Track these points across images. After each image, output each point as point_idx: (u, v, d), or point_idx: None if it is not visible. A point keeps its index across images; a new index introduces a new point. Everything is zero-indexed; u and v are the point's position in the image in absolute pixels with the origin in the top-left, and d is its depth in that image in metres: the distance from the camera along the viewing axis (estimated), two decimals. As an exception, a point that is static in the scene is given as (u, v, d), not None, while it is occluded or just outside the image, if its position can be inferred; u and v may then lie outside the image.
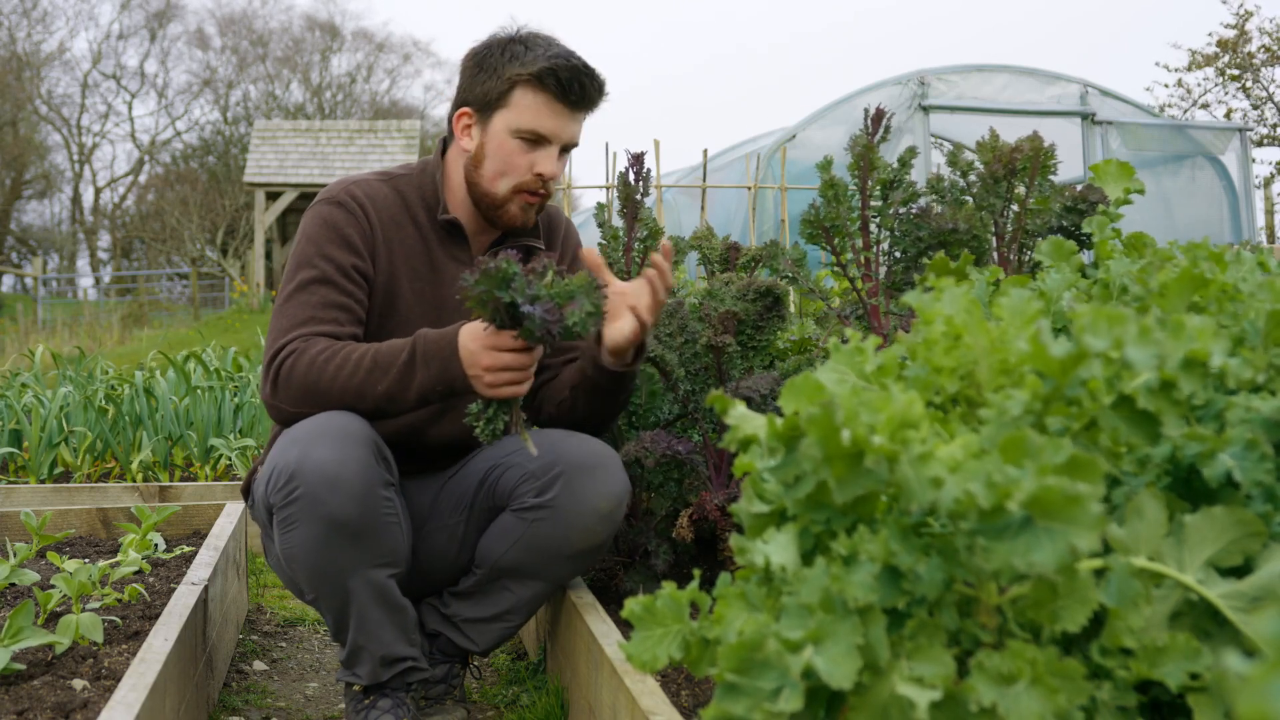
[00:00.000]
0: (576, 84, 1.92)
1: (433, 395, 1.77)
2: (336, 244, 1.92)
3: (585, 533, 1.90)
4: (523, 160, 1.94)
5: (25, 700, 1.54)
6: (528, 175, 1.95)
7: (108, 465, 4.08)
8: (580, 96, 1.93)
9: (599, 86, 1.95)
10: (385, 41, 38.02)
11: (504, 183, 1.96)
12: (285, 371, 1.82)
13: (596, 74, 1.96)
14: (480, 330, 1.68)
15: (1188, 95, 19.49)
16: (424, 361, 1.74)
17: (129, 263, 34.16)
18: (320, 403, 1.80)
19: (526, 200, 1.97)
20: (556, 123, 1.93)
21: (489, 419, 1.68)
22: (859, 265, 1.99)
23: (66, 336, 14.69)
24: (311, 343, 1.82)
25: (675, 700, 1.67)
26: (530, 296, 1.55)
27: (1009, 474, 0.80)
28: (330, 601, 1.81)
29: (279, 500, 1.74)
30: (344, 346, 1.81)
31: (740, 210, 8.76)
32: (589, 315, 1.57)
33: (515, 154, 1.94)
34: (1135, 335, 0.89)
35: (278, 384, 1.83)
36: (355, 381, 1.77)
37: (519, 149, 1.94)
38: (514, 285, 1.54)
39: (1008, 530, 0.81)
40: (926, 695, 0.83)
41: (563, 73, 1.91)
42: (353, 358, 1.79)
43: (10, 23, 33.16)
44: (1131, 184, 1.95)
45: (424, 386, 1.75)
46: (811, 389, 0.92)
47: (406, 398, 1.77)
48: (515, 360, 1.67)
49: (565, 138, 1.95)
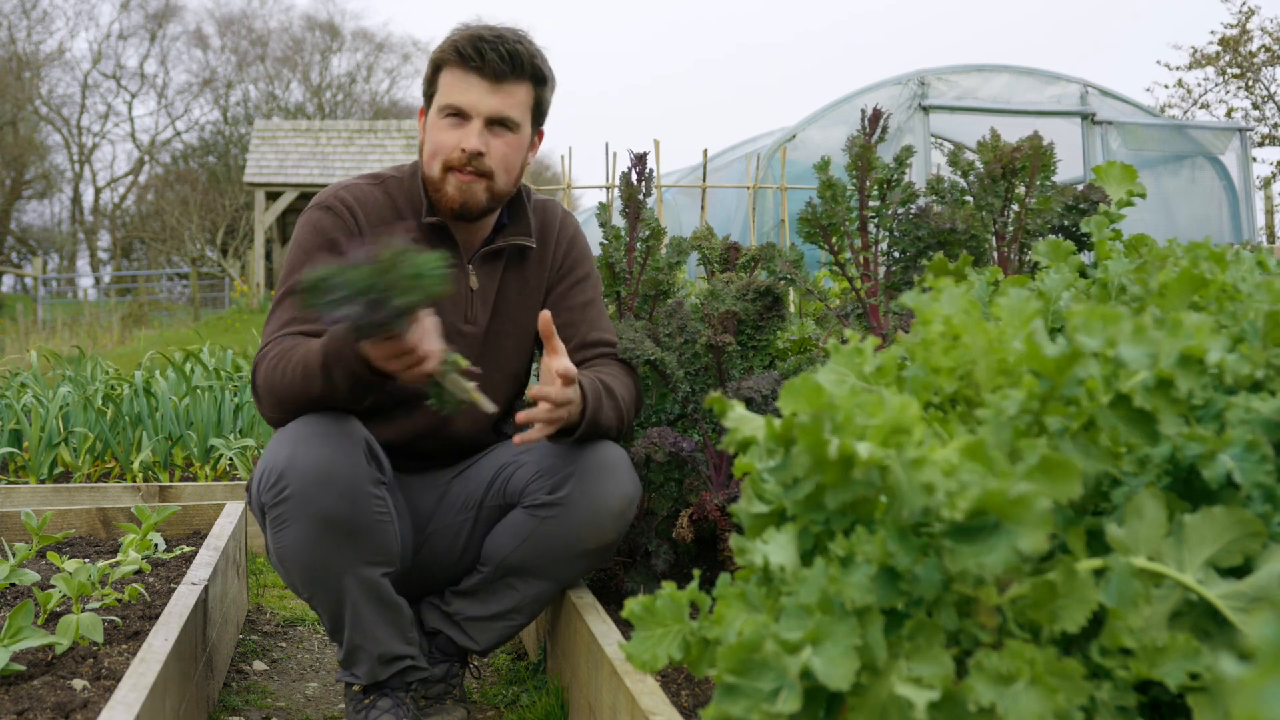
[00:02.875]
0: (476, 49, 1.89)
1: (362, 389, 1.73)
2: (323, 249, 1.93)
3: (597, 531, 1.90)
4: (448, 137, 1.93)
5: (25, 700, 1.55)
6: (455, 152, 1.92)
7: (108, 465, 4.08)
8: (482, 63, 1.90)
9: (508, 52, 1.91)
10: (385, 41, 38.07)
11: (435, 163, 1.95)
12: (258, 379, 1.85)
13: (506, 39, 1.92)
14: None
15: (1188, 95, 19.49)
16: (335, 364, 1.72)
17: (129, 263, 34.17)
18: (286, 406, 1.81)
19: (459, 179, 1.94)
20: (471, 94, 1.91)
21: (435, 397, 1.69)
22: (857, 265, 1.99)
23: (66, 336, 14.69)
24: (276, 345, 1.84)
25: (675, 700, 1.67)
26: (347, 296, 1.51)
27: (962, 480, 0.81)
28: (324, 600, 1.81)
29: (270, 499, 1.75)
30: (290, 349, 1.81)
31: (740, 210, 8.76)
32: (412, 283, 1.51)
33: (442, 132, 1.94)
34: (1129, 334, 0.89)
35: (256, 391, 1.86)
36: (298, 385, 1.77)
37: (445, 126, 1.93)
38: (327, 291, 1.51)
39: (981, 533, 0.82)
40: (925, 695, 0.83)
41: (464, 43, 1.90)
42: (292, 361, 1.78)
43: (10, 23, 33.19)
44: (1134, 186, 1.95)
45: (347, 384, 1.72)
46: (810, 391, 0.92)
47: (343, 396, 1.75)
48: (395, 348, 1.62)
49: (485, 109, 1.92)
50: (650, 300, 2.29)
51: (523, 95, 1.96)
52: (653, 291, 2.28)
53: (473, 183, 1.94)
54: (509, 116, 1.94)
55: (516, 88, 1.94)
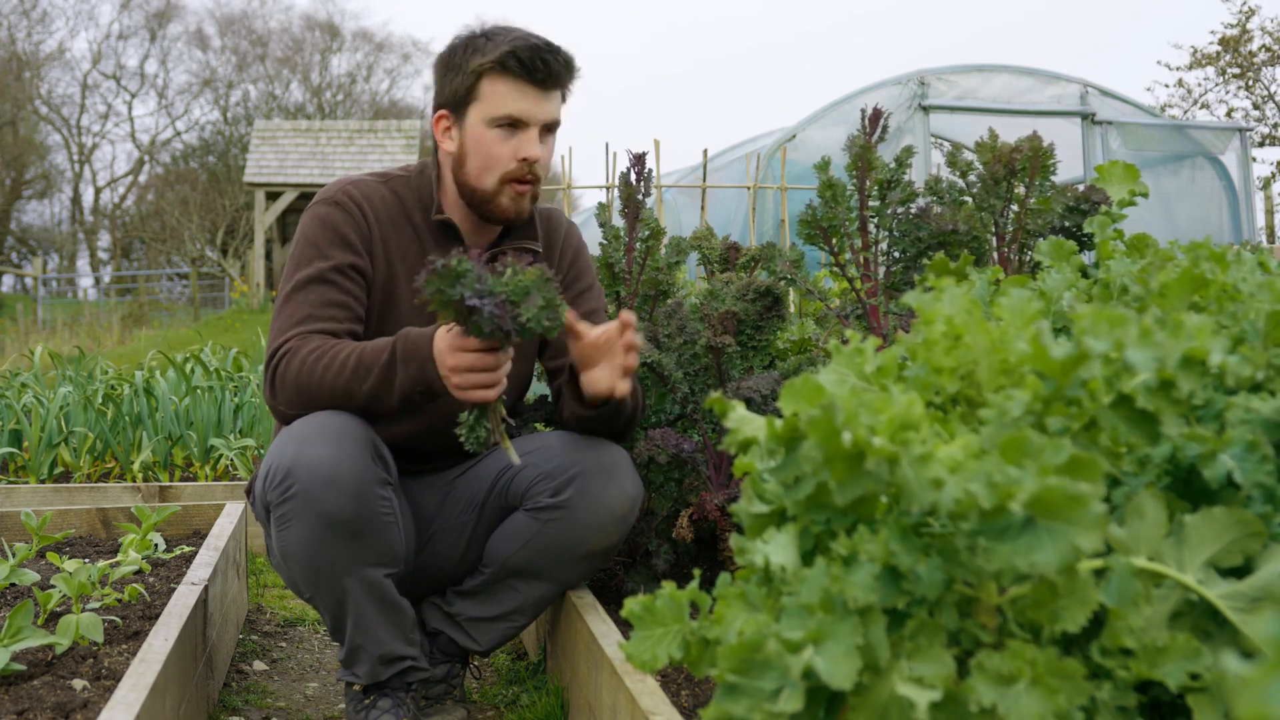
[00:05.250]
0: (539, 61, 1.90)
1: (413, 396, 1.75)
2: (334, 243, 1.92)
3: (599, 534, 1.90)
4: (504, 149, 1.92)
5: (25, 700, 1.54)
6: (512, 163, 1.92)
7: (108, 465, 4.08)
8: (545, 73, 1.91)
9: (564, 61, 1.93)
10: (385, 41, 38.02)
11: (490, 176, 1.94)
12: (281, 372, 1.82)
13: (559, 49, 1.93)
14: (447, 331, 1.67)
15: (1188, 95, 19.49)
16: (403, 362, 1.73)
17: (129, 263, 34.15)
18: (312, 403, 1.80)
19: (516, 190, 1.94)
20: (528, 104, 1.91)
21: (471, 427, 1.66)
22: (858, 266, 1.99)
23: (66, 336, 14.68)
24: (305, 341, 1.82)
25: (675, 700, 1.67)
26: (479, 292, 1.52)
27: (1010, 474, 0.80)
28: (327, 600, 1.81)
29: (275, 498, 1.75)
30: (334, 345, 1.80)
31: (740, 210, 8.76)
32: (541, 310, 1.54)
33: (495, 144, 1.92)
34: (1136, 336, 0.89)
35: (275, 385, 1.83)
36: (342, 381, 1.77)
37: (498, 138, 1.92)
38: (463, 281, 1.51)
39: (1009, 530, 0.81)
40: (926, 695, 0.83)
41: (523, 52, 1.89)
42: (339, 357, 1.78)
43: (10, 23, 33.16)
44: (1136, 186, 1.95)
45: (404, 387, 1.74)
46: (811, 391, 0.92)
47: (390, 398, 1.76)
48: (479, 361, 1.64)
49: (541, 118, 1.93)
50: (650, 300, 2.29)
51: (559, 99, 1.98)
52: (652, 291, 2.28)
53: (528, 193, 1.96)
54: (558, 120, 1.97)
55: (558, 93, 1.97)
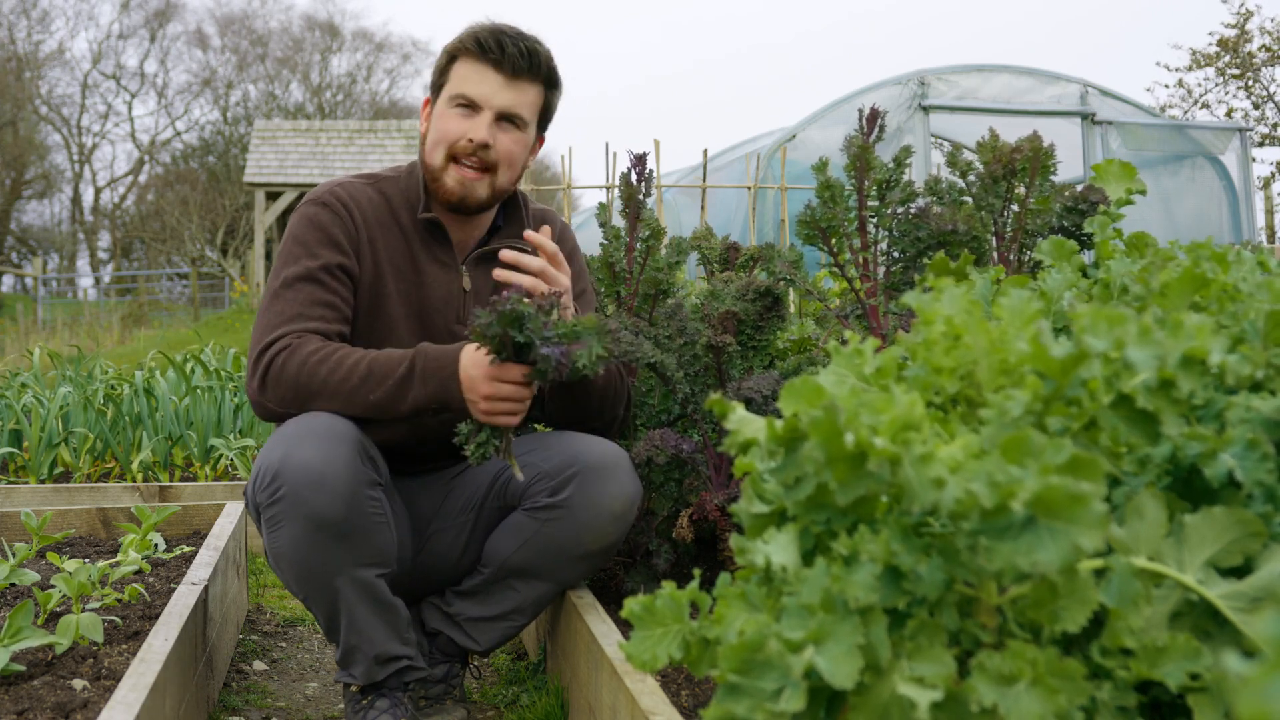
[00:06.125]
0: (495, 42, 1.91)
1: (426, 411, 1.78)
2: (323, 243, 1.93)
3: (598, 533, 1.90)
4: (455, 125, 1.93)
5: (25, 700, 1.54)
6: (461, 141, 1.93)
7: (108, 465, 4.08)
8: (500, 54, 1.91)
9: (526, 49, 1.93)
10: (385, 41, 38.06)
11: (438, 152, 1.95)
12: (276, 368, 1.82)
13: (524, 36, 1.94)
14: (483, 359, 1.69)
15: (1188, 95, 19.50)
16: (423, 378, 1.76)
17: (129, 263, 34.15)
18: (307, 403, 1.80)
19: (461, 173, 1.94)
20: (486, 87, 1.92)
21: (480, 442, 1.71)
22: (857, 266, 1.99)
23: (66, 336, 14.68)
24: (304, 340, 1.82)
25: (675, 700, 1.67)
26: (544, 339, 1.61)
27: (1011, 474, 0.80)
28: (319, 601, 1.81)
29: (264, 500, 1.75)
30: (338, 349, 1.81)
31: (740, 210, 8.76)
32: (598, 358, 1.61)
33: (450, 121, 1.94)
34: (1136, 336, 0.89)
35: (266, 380, 1.83)
36: (347, 387, 1.77)
37: (454, 116, 1.94)
38: (528, 326, 1.60)
39: (1010, 530, 0.81)
40: (927, 695, 0.83)
41: (483, 34, 1.91)
42: (347, 363, 1.79)
43: (10, 23, 33.17)
44: (1133, 184, 1.95)
45: (419, 401, 1.77)
46: (811, 391, 0.92)
47: (399, 409, 1.78)
48: (515, 392, 1.70)
49: (498, 103, 1.93)
50: (650, 300, 2.29)
51: (533, 95, 1.97)
52: (652, 291, 2.28)
53: (476, 180, 1.95)
54: (519, 114, 1.95)
55: (529, 87, 1.96)
